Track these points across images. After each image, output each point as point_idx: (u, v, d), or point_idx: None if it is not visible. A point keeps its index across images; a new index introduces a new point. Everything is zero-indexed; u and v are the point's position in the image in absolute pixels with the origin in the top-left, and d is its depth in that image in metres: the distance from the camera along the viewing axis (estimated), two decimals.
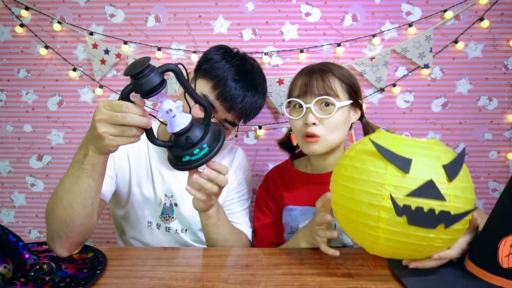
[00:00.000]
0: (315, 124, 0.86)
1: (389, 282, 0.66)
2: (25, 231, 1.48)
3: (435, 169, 0.60)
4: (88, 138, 0.69)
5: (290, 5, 1.32)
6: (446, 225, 0.60)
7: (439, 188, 0.58)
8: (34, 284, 0.63)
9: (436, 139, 0.69)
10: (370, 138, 0.64)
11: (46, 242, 0.78)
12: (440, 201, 0.58)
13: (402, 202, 0.59)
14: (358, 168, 0.64)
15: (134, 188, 0.98)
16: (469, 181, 0.65)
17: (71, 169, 0.72)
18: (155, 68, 0.62)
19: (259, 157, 1.41)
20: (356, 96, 0.91)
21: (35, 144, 1.42)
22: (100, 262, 0.73)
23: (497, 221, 0.67)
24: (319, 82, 0.87)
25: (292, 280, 0.68)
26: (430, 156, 0.61)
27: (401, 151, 0.61)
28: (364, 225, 0.63)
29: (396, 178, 0.59)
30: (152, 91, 0.61)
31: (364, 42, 1.33)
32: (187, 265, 0.76)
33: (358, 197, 0.62)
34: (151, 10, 1.34)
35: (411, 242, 0.61)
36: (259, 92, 0.95)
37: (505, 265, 0.62)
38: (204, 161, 0.68)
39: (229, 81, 0.88)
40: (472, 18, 1.30)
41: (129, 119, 0.63)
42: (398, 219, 0.59)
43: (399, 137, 0.66)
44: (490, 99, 1.35)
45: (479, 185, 1.39)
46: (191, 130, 0.67)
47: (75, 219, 0.73)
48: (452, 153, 0.65)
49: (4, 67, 1.38)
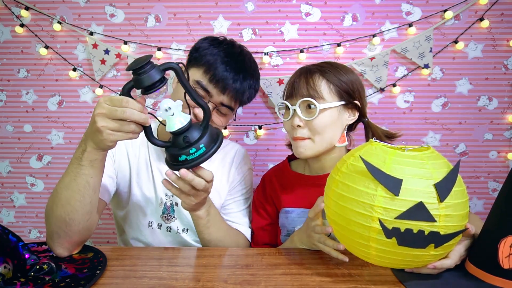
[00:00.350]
0: (300, 127, 0.86)
1: (389, 283, 0.66)
2: (25, 231, 1.48)
3: (426, 189, 0.59)
4: (87, 133, 0.69)
5: (290, 5, 1.32)
6: (436, 245, 0.60)
7: (429, 209, 0.58)
8: (34, 284, 0.63)
9: (431, 148, 0.67)
10: (361, 156, 0.63)
11: (46, 242, 0.78)
12: (430, 222, 0.58)
13: (391, 225, 0.59)
14: (349, 187, 0.63)
15: (135, 188, 0.98)
16: (463, 195, 0.63)
17: (70, 166, 0.72)
18: (156, 65, 0.63)
19: (259, 157, 1.41)
20: (351, 97, 0.88)
21: (35, 144, 1.42)
22: (100, 262, 0.73)
23: (496, 222, 0.67)
24: (303, 84, 0.86)
25: (292, 280, 0.68)
26: (422, 175, 0.60)
27: (392, 170, 0.60)
28: (356, 242, 0.64)
29: (386, 200, 0.59)
30: (152, 87, 0.63)
31: (364, 42, 1.33)
32: (187, 265, 0.76)
33: (348, 216, 0.63)
34: (151, 10, 1.34)
35: (402, 259, 0.62)
36: (251, 74, 0.95)
37: (506, 265, 0.62)
38: (200, 161, 0.67)
39: (219, 63, 0.89)
40: (472, 18, 1.30)
41: (128, 114, 0.63)
42: (388, 240, 0.59)
43: (391, 151, 0.64)
44: (490, 99, 1.35)
45: (479, 185, 1.39)
46: (189, 130, 0.68)
47: (74, 217, 0.73)
48: (446, 166, 0.63)
49: (4, 67, 1.38)
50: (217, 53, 0.90)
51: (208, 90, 0.89)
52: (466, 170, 1.39)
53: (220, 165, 1.05)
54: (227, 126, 1.38)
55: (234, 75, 0.90)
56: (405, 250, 0.60)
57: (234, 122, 1.40)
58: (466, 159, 1.38)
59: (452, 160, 1.44)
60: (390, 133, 0.95)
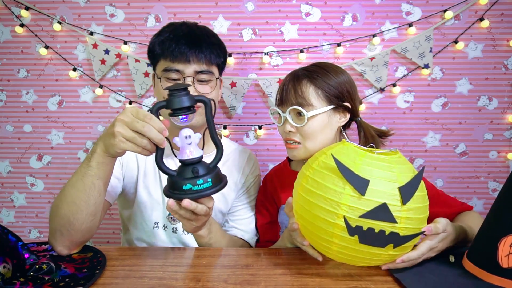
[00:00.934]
0: (292, 132, 0.88)
1: (388, 282, 0.66)
2: (25, 231, 1.48)
3: (391, 191, 0.61)
4: (102, 135, 0.71)
5: (290, 5, 1.32)
6: (394, 245, 0.62)
7: (392, 211, 0.60)
8: (33, 283, 0.63)
9: (399, 153, 0.69)
10: (332, 154, 0.65)
11: (48, 239, 0.78)
12: (391, 223, 0.61)
13: (355, 223, 0.61)
14: (318, 183, 0.65)
15: (141, 189, 0.98)
16: (424, 200, 0.66)
17: (80, 167, 0.74)
18: (190, 94, 0.68)
19: (259, 157, 1.41)
20: (340, 100, 0.88)
21: (35, 144, 1.42)
22: (100, 262, 0.73)
23: (496, 221, 0.67)
24: (291, 91, 0.87)
25: (292, 280, 0.67)
26: (388, 178, 0.62)
27: (361, 170, 0.63)
28: (319, 237, 0.66)
29: (352, 199, 0.61)
30: (180, 110, 0.67)
31: (364, 42, 1.33)
32: (187, 265, 0.76)
33: (315, 211, 0.65)
34: (151, 10, 1.34)
35: (361, 256, 0.65)
36: (205, 34, 0.95)
37: (505, 264, 0.62)
38: (204, 194, 0.68)
39: (169, 43, 0.90)
40: (472, 18, 1.30)
41: (146, 129, 0.65)
42: (350, 237, 0.62)
43: (362, 153, 0.66)
44: (490, 99, 1.35)
45: (479, 185, 1.39)
46: (199, 164, 0.70)
47: (78, 216, 0.73)
48: (411, 172, 0.66)
49: (4, 67, 1.38)
50: (163, 38, 0.92)
51: (177, 69, 0.90)
52: (466, 170, 1.39)
53: (229, 169, 1.05)
54: (227, 126, 1.38)
55: (186, 42, 0.91)
56: (365, 248, 0.63)
57: (234, 122, 1.40)
58: (466, 159, 1.38)
59: (453, 160, 1.44)
60: (382, 131, 0.96)
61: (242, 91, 1.34)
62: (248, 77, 1.36)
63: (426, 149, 1.39)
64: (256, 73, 1.36)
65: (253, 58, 1.35)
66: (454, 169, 1.39)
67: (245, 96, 1.36)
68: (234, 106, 1.37)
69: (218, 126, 1.39)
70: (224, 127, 1.38)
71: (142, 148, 0.67)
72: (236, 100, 1.36)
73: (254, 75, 1.36)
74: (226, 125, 1.39)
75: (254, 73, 1.36)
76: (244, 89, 1.34)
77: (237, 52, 1.34)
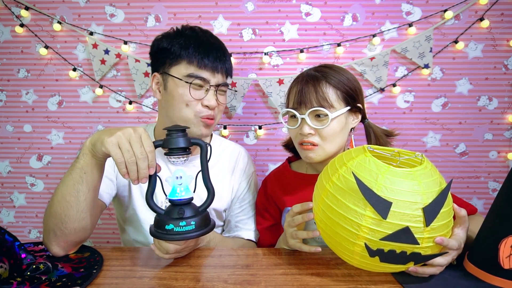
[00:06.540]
0: (311, 134, 0.86)
1: (388, 283, 0.66)
2: (25, 231, 1.48)
3: (414, 213, 0.59)
4: (95, 133, 0.72)
5: (290, 5, 1.32)
6: (415, 263, 0.63)
7: (414, 233, 0.59)
8: (30, 283, 0.63)
9: (425, 161, 0.65)
10: (353, 173, 0.62)
11: (43, 241, 0.78)
12: (413, 245, 0.59)
13: (376, 246, 0.60)
14: (338, 201, 0.63)
15: (135, 191, 0.98)
16: (449, 214, 0.63)
17: (71, 165, 0.75)
18: (188, 136, 0.71)
19: (259, 157, 1.41)
20: (354, 101, 0.89)
21: (35, 144, 1.42)
22: (97, 262, 0.73)
23: (496, 222, 0.66)
24: (312, 92, 0.85)
25: (292, 280, 0.67)
26: (411, 199, 0.59)
27: (383, 190, 0.59)
28: (340, 251, 0.67)
29: (374, 221, 0.59)
30: (175, 150, 0.69)
31: (364, 42, 1.33)
32: (187, 265, 0.75)
33: (335, 228, 0.64)
34: (151, 10, 1.34)
35: (383, 268, 0.65)
36: (222, 47, 0.97)
37: (506, 266, 0.62)
38: (184, 237, 0.68)
39: (195, 50, 0.89)
40: (472, 18, 1.30)
41: (140, 155, 0.66)
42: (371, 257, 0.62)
43: (384, 168, 0.62)
44: (490, 99, 1.34)
45: (479, 185, 1.39)
46: (187, 206, 0.70)
47: (69, 213, 0.73)
48: (437, 185, 0.62)
49: (4, 67, 1.38)
50: (186, 43, 0.91)
51: (203, 77, 0.90)
52: (466, 170, 1.39)
53: (221, 169, 1.04)
54: (227, 126, 1.38)
55: (215, 53, 0.92)
56: (386, 265, 0.63)
57: (234, 122, 1.40)
58: (466, 159, 1.38)
59: (453, 160, 1.43)
60: (389, 132, 0.98)
61: (242, 91, 1.34)
62: (248, 77, 1.35)
63: (426, 149, 1.38)
64: (256, 73, 1.36)
65: (253, 58, 1.35)
66: (454, 169, 1.39)
67: (245, 96, 1.36)
68: (234, 106, 1.37)
69: (218, 126, 1.39)
70: (224, 127, 1.38)
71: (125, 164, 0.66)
72: (236, 100, 1.36)
73: (254, 75, 1.36)
74: (226, 125, 1.38)
75: (254, 73, 1.36)
76: (244, 89, 1.34)
77: (237, 52, 1.34)
